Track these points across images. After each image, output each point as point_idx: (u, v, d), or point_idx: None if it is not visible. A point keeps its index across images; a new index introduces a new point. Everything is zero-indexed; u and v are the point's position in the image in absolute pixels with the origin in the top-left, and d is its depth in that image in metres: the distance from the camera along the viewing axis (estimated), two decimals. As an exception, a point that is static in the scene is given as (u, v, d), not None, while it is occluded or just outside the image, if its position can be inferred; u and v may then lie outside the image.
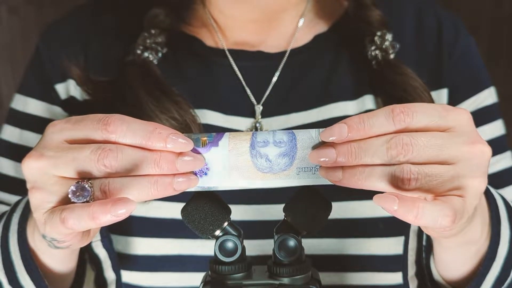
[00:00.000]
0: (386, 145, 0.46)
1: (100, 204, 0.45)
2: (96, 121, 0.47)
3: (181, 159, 0.48)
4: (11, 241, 0.59)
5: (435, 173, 0.46)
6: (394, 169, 0.46)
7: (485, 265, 0.59)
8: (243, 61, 0.74)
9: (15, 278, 0.58)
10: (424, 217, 0.45)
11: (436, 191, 0.46)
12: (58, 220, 0.47)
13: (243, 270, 0.51)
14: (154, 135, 0.47)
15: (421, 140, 0.46)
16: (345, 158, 0.46)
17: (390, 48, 0.73)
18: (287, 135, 0.49)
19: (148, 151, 0.47)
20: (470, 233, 0.56)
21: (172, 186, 0.48)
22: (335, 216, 0.52)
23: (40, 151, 0.48)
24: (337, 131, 0.46)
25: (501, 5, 1.55)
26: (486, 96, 0.76)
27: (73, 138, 0.48)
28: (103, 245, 0.66)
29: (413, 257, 0.67)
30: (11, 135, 0.75)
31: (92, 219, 0.45)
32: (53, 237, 0.50)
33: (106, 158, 0.46)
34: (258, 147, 0.49)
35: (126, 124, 0.47)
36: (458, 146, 0.46)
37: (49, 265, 0.59)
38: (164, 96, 0.69)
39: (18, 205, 0.61)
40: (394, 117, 0.46)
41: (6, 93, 1.60)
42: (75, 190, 0.47)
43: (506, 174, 0.75)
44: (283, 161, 0.49)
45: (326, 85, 0.74)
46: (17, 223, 0.59)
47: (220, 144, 0.49)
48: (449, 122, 0.47)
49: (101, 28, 0.77)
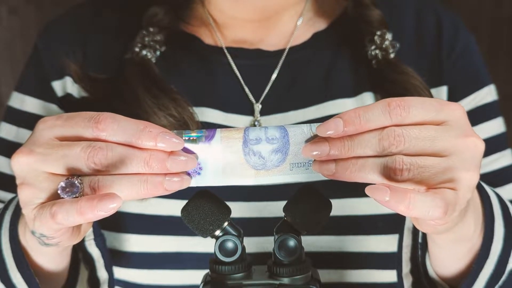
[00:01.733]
0: (378, 136, 0.46)
1: (88, 200, 0.45)
2: (87, 119, 0.47)
3: (172, 159, 0.47)
4: (3, 239, 0.59)
5: (427, 165, 0.46)
6: (386, 160, 0.46)
7: (478, 262, 0.59)
8: (242, 59, 0.74)
9: (7, 276, 0.58)
10: (415, 207, 0.45)
11: (428, 183, 0.46)
12: (48, 215, 0.47)
13: (243, 270, 0.51)
14: (144, 133, 0.47)
15: (414, 131, 0.46)
16: (338, 151, 0.47)
17: (390, 47, 0.73)
18: (279, 131, 0.49)
19: (139, 150, 0.47)
20: (463, 229, 0.56)
21: (163, 185, 0.47)
22: (334, 213, 0.52)
23: (30, 147, 0.48)
24: (333, 125, 0.47)
25: (501, 5, 1.55)
26: (485, 94, 0.76)
27: (64, 135, 0.48)
28: (96, 244, 0.66)
29: (408, 254, 0.68)
30: (8, 133, 0.76)
31: (80, 214, 0.45)
32: (42, 233, 0.50)
33: (96, 156, 0.46)
34: (250, 144, 0.49)
35: (117, 122, 0.47)
36: (451, 139, 0.47)
37: (40, 263, 0.59)
38: (162, 94, 0.69)
39: (11, 203, 0.61)
40: (391, 111, 0.46)
41: (5, 93, 1.60)
42: (65, 186, 0.47)
43: (505, 172, 0.75)
44: (276, 157, 0.49)
45: (324, 83, 0.74)
46: (9, 221, 0.59)
47: (212, 143, 0.49)
48: (443, 116, 0.47)
49: (100, 26, 0.77)
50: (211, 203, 0.52)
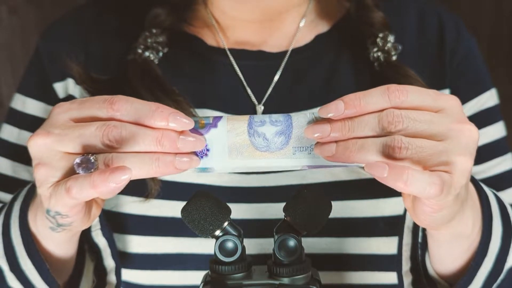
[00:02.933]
0: (378, 117, 0.48)
1: (100, 173, 0.47)
2: (102, 100, 0.50)
3: (182, 139, 0.49)
4: (13, 227, 0.60)
5: (424, 146, 0.47)
6: (385, 139, 0.47)
7: (476, 260, 0.60)
8: (244, 61, 0.74)
9: (17, 264, 0.59)
10: (413, 183, 0.46)
11: (425, 163, 0.48)
12: (64, 190, 0.48)
13: (243, 270, 0.52)
14: (156, 113, 0.49)
15: (412, 114, 0.48)
16: (339, 132, 0.48)
17: (392, 49, 0.74)
18: (283, 116, 0.51)
19: (151, 129, 0.49)
20: (462, 226, 0.57)
21: (174, 164, 0.49)
22: (334, 215, 0.53)
23: (47, 129, 0.50)
24: (334, 107, 0.48)
25: (501, 5, 1.55)
26: (487, 98, 0.76)
27: (79, 117, 0.50)
28: (103, 234, 0.68)
29: (408, 252, 0.68)
30: (10, 135, 0.76)
31: (93, 187, 0.47)
32: (57, 211, 0.51)
33: (110, 133, 0.48)
34: (255, 126, 0.51)
35: (130, 103, 0.49)
36: (447, 124, 0.49)
37: (50, 250, 0.60)
38: (164, 96, 0.69)
39: (19, 194, 0.63)
40: (390, 94, 0.48)
41: (6, 93, 1.60)
42: (80, 162, 0.48)
43: (507, 176, 0.76)
44: (280, 140, 0.51)
45: (326, 84, 0.74)
46: (19, 209, 0.60)
47: (219, 125, 0.51)
48: (440, 103, 0.49)
49: (102, 28, 0.77)
50: (211, 203, 0.52)
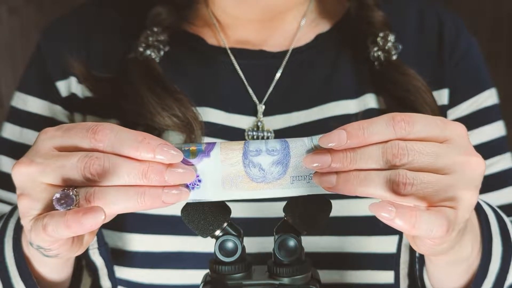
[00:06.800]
0: (382, 149, 0.45)
1: (74, 213, 0.44)
2: (85, 129, 0.47)
3: (170, 171, 0.46)
4: (7, 247, 0.59)
5: (430, 181, 0.45)
6: (389, 173, 0.45)
7: (476, 281, 0.58)
8: (245, 60, 0.75)
9: (10, 284, 0.58)
10: (420, 227, 0.44)
11: (430, 200, 0.45)
12: (40, 227, 0.46)
13: (243, 270, 0.51)
14: (142, 145, 0.46)
15: (417, 146, 0.45)
16: (340, 163, 0.45)
17: (392, 49, 0.74)
18: (280, 143, 0.48)
19: (137, 161, 0.46)
20: (461, 251, 0.55)
21: (161, 198, 0.46)
22: (334, 214, 0.52)
23: (30, 158, 0.48)
24: (336, 137, 0.45)
25: (501, 5, 1.55)
26: (486, 97, 0.76)
27: (63, 145, 0.48)
28: (100, 253, 0.65)
29: (405, 270, 0.66)
30: (12, 133, 0.75)
31: (67, 227, 0.45)
32: (38, 245, 0.49)
33: (92, 166, 0.45)
34: (250, 156, 0.48)
35: (115, 133, 0.46)
36: (454, 156, 0.46)
37: (43, 273, 0.59)
38: (165, 94, 0.69)
39: (15, 210, 0.61)
40: (395, 125, 0.45)
41: (6, 93, 1.60)
42: (60, 198, 0.46)
43: (505, 175, 0.75)
44: (277, 170, 0.48)
45: (327, 83, 0.74)
46: (13, 229, 0.59)
47: (211, 155, 0.48)
48: (446, 133, 0.47)
49: (103, 26, 0.77)
50: (211, 203, 0.51)
